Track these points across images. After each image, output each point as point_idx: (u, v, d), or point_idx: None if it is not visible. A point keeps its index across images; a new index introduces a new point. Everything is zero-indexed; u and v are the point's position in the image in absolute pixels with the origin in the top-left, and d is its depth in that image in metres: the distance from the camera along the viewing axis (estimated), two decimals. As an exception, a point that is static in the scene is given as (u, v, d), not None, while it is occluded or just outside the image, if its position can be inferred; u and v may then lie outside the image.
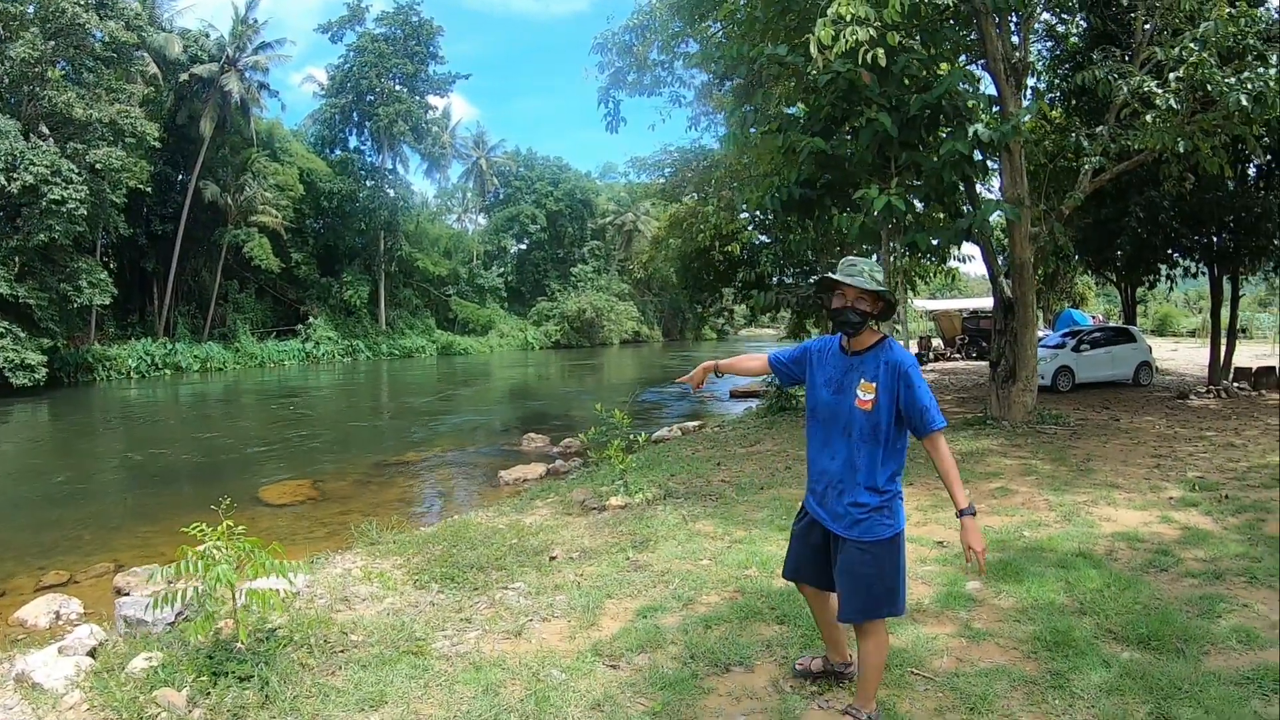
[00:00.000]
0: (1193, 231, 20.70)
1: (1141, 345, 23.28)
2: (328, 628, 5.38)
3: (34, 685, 4.93)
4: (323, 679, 4.67)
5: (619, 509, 9.20)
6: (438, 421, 24.42)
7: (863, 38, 9.71)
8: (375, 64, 55.38)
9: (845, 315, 3.83)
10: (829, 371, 3.97)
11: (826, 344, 4.09)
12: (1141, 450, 11.92)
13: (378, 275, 57.41)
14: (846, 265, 3.90)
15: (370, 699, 4.43)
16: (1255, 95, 11.73)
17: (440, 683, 4.61)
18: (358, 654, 5.02)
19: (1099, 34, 16.93)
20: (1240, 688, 4.30)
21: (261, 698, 4.42)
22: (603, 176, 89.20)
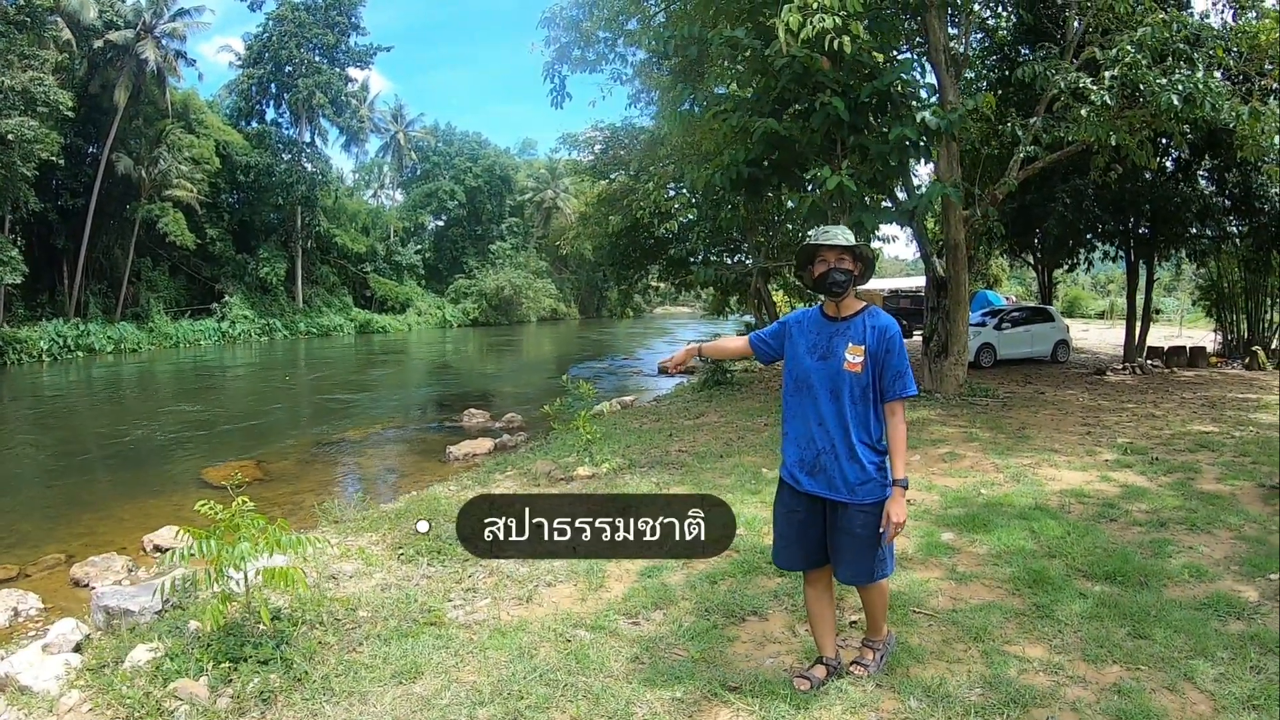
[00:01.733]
0: (1114, 218, 21.68)
1: (1059, 324, 24.36)
2: (331, 605, 5.36)
3: (22, 689, 4.64)
4: (347, 656, 4.65)
5: (587, 479, 9.41)
6: (370, 400, 24.17)
7: (829, 26, 10.11)
8: (295, 34, 53.66)
9: (831, 276, 3.90)
10: (811, 339, 3.99)
11: (805, 315, 4.13)
12: (1071, 420, 12.67)
13: (295, 252, 56.02)
14: (821, 233, 3.99)
15: (404, 671, 4.42)
16: (1186, 96, 12.53)
17: (470, 650, 4.67)
18: (373, 629, 5.03)
19: (1029, 29, 17.71)
20: (1200, 611, 4.94)
21: (289, 680, 4.34)
22: (522, 153, 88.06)
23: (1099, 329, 43.73)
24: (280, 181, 53.52)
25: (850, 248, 3.93)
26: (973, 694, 4.02)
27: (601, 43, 18.57)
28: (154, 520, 10.51)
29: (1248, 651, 4.39)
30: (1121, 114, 13.49)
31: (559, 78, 18.66)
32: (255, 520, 4.72)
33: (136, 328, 44.03)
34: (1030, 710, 3.87)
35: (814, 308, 4.14)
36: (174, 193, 44.83)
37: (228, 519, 4.65)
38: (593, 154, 26.55)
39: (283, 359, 40.75)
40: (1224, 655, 4.36)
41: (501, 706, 4.03)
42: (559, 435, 12.10)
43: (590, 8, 17.76)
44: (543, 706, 4.02)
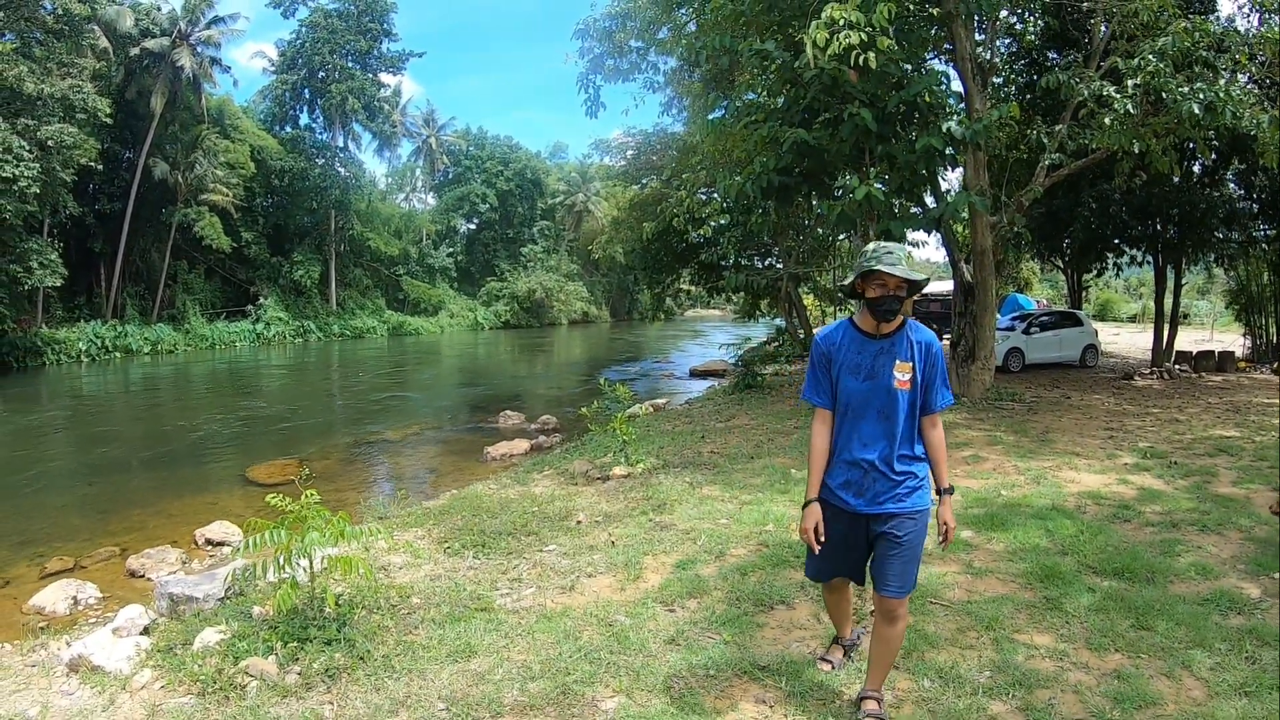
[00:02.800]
0: (1140, 223, 21.75)
1: (1088, 329, 24.36)
2: (387, 592, 5.75)
3: (94, 668, 4.94)
4: (405, 637, 5.03)
5: (623, 478, 9.75)
6: (406, 401, 24.62)
7: (855, 41, 10.41)
8: (327, 40, 54.33)
9: (887, 305, 3.78)
10: (853, 359, 3.89)
11: (837, 334, 4.00)
12: (1095, 424, 12.87)
13: (328, 255, 56.61)
14: (885, 255, 3.78)
15: (459, 651, 4.80)
16: (1207, 104, 12.65)
17: (519, 633, 5.06)
18: (427, 614, 5.41)
19: (1055, 34, 17.89)
20: (1202, 606, 5.24)
21: (353, 658, 4.69)
22: (553, 156, 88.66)
23: (1130, 333, 43.59)
24: (314, 185, 54.30)
25: (910, 280, 3.80)
26: (982, 676, 4.35)
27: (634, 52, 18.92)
28: (203, 516, 10.93)
29: (1245, 644, 4.67)
30: (1145, 121, 13.67)
31: (593, 88, 19.03)
32: (321, 512, 5.12)
33: (173, 329, 44.80)
34: (1034, 691, 4.19)
35: (842, 322, 4.05)
36: (210, 197, 45.55)
37: (297, 511, 5.05)
38: (625, 159, 26.80)
39: (317, 360, 41.28)
40: (1222, 646, 4.64)
41: (550, 681, 4.40)
42: (594, 436, 12.40)
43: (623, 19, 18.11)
44: (589, 681, 4.39)
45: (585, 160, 69.15)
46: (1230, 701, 4.07)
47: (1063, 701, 4.10)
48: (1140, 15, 13.87)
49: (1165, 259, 23.89)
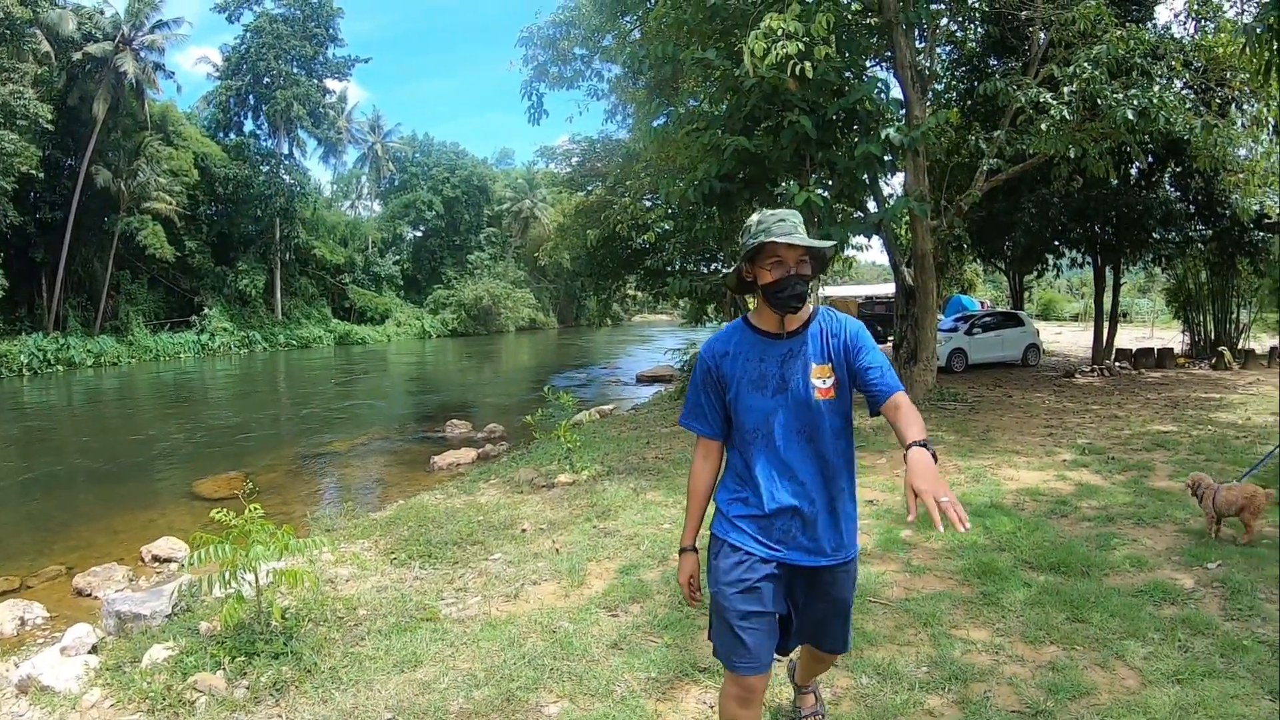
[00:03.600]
0: (1079, 226, 22.21)
1: (1029, 329, 24.89)
2: (333, 604, 5.77)
3: (44, 689, 4.95)
4: (352, 649, 5.06)
5: (568, 485, 9.78)
6: (352, 411, 24.38)
7: (792, 51, 10.55)
8: (273, 45, 53.77)
9: (790, 288, 2.89)
10: (754, 368, 2.98)
11: (726, 341, 3.09)
12: (1035, 422, 13.15)
13: (273, 264, 55.98)
14: (776, 223, 2.89)
15: (406, 661, 4.84)
16: (1141, 110, 13.04)
17: (465, 642, 5.10)
18: (373, 625, 5.45)
19: (996, 41, 18.24)
20: (1136, 598, 5.36)
21: (300, 671, 4.71)
22: (499, 163, 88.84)
23: (1072, 331, 44.36)
24: (258, 193, 53.66)
25: (811, 248, 2.93)
26: (919, 672, 4.43)
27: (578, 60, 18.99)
28: (149, 532, 10.78)
29: (1177, 633, 4.79)
30: (1081, 127, 13.98)
31: (537, 95, 19.07)
32: (265, 526, 5.13)
33: (116, 341, 44.07)
34: (970, 685, 4.27)
35: (733, 324, 3.15)
36: (153, 205, 44.87)
37: (241, 525, 5.05)
38: (570, 166, 26.86)
39: (263, 371, 40.79)
40: (1155, 636, 4.76)
41: (495, 688, 4.43)
42: (540, 444, 12.46)
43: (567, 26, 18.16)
44: (532, 687, 4.42)
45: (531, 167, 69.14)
46: (1163, 689, 4.17)
47: (998, 694, 4.18)
48: (1078, 24, 14.20)
49: (1104, 260, 24.50)
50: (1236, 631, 4.82)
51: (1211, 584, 5.61)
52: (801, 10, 10.84)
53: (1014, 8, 16.52)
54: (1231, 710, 3.93)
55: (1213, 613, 5.12)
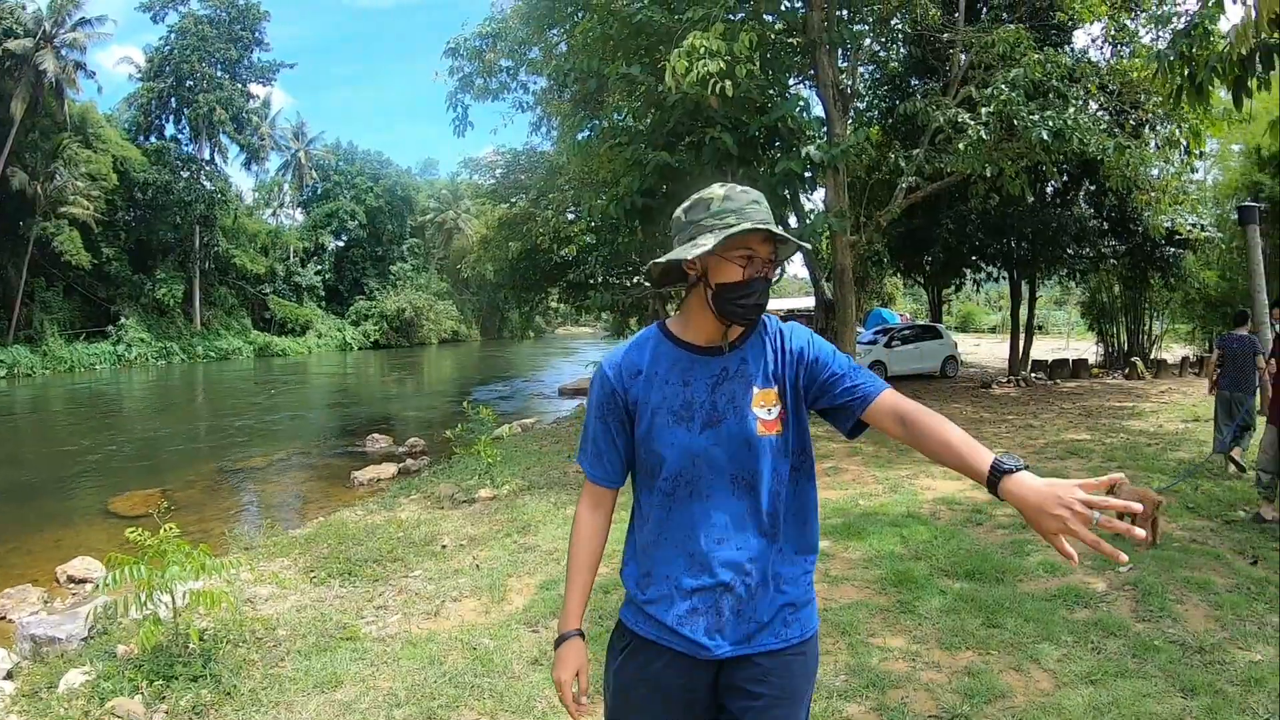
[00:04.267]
0: (996, 241, 22.83)
1: (948, 341, 25.52)
2: (252, 625, 5.67)
3: None
4: (271, 670, 4.96)
5: (489, 500, 9.78)
6: (272, 426, 23.87)
7: (714, 70, 10.70)
8: (197, 47, 52.58)
9: (756, 292, 2.10)
10: (677, 394, 2.14)
11: (638, 355, 2.21)
12: (952, 433, 13.43)
13: (193, 273, 54.56)
14: (749, 204, 2.11)
15: (326, 682, 4.76)
16: (1056, 131, 13.43)
17: (385, 661, 5.04)
18: (293, 645, 5.35)
19: (918, 62, 18.68)
20: (1050, 602, 5.53)
21: (219, 694, 4.62)
22: (424, 173, 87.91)
23: (990, 343, 45.41)
24: (179, 200, 52.16)
25: (778, 238, 2.13)
26: (838, 680, 4.50)
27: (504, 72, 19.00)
28: (64, 551, 10.43)
29: (1090, 635, 4.96)
30: (998, 146, 14.37)
31: (462, 107, 19.02)
32: (181, 546, 5.02)
33: (30, 351, 42.77)
34: (888, 692, 4.36)
35: (646, 334, 2.27)
36: (70, 210, 43.57)
37: (156, 545, 4.94)
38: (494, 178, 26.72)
39: (181, 384, 39.83)
40: (1068, 639, 4.91)
41: (416, 707, 4.40)
42: (461, 459, 12.41)
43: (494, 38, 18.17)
44: (453, 705, 4.40)
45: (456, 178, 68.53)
46: (1077, 690, 4.30)
47: (915, 700, 4.27)
48: (997, 47, 14.59)
49: (1020, 274, 25.25)
50: (1148, 632, 5.01)
51: (1123, 587, 5.81)
52: (725, 29, 11.00)
53: (936, 30, 16.93)
54: (1144, 709, 4.06)
55: (1124, 615, 5.31)
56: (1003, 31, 14.86)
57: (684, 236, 2.14)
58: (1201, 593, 5.69)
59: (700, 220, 2.11)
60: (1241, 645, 4.84)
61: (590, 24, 13.28)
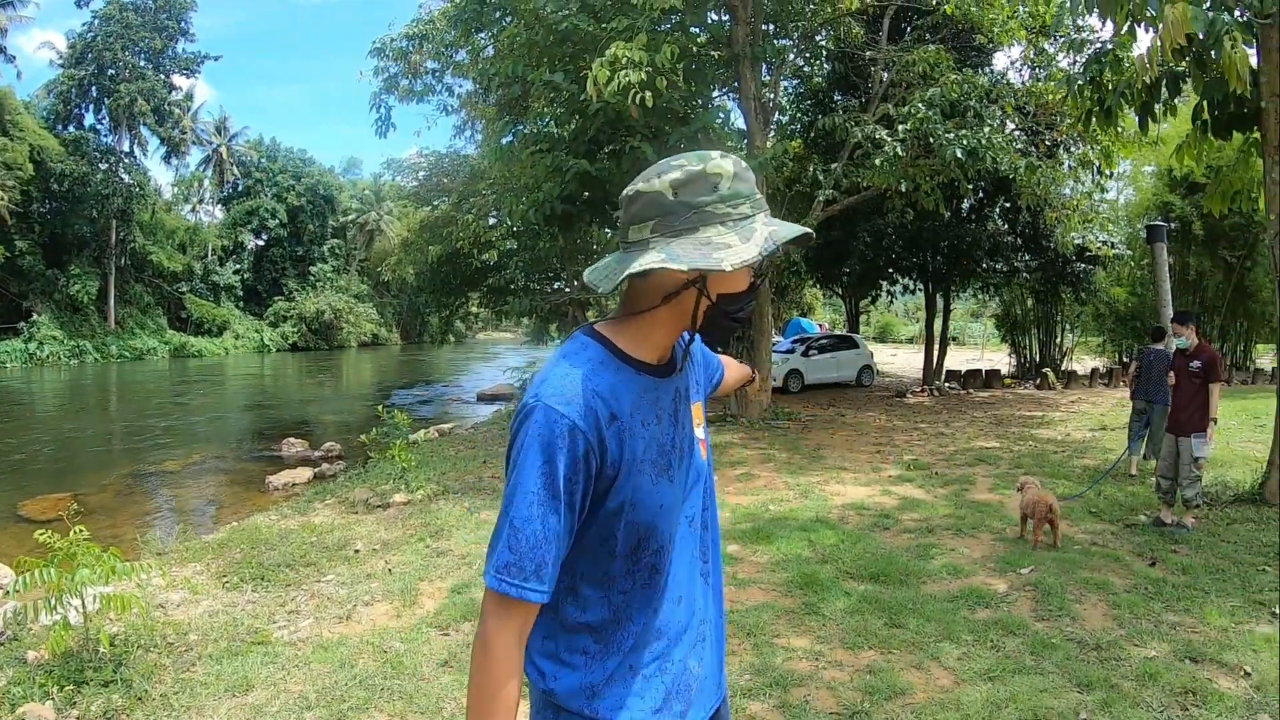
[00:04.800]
0: (912, 255, 23.32)
1: (864, 351, 26.00)
2: (164, 630, 5.63)
3: None
4: (183, 675, 4.94)
5: (403, 505, 9.80)
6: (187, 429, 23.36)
7: (634, 80, 10.85)
8: (121, 35, 50.78)
9: (754, 299, 1.70)
10: (653, 435, 1.62)
11: (608, 391, 1.56)
12: (865, 440, 13.78)
13: (108, 269, 52.74)
14: (757, 184, 1.65)
15: (237, 685, 4.76)
16: (970, 149, 13.86)
17: (296, 664, 5.06)
18: (205, 650, 5.33)
19: (841, 78, 19.04)
20: (952, 603, 5.75)
21: (130, 699, 4.61)
22: (347, 172, 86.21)
23: (907, 353, 46.34)
24: (96, 192, 50.50)
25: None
26: (743, 679, 4.63)
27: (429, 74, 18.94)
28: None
29: (990, 634, 5.17)
30: (915, 163, 14.75)
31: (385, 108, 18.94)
32: (91, 549, 5.00)
33: (-63, 348, 41.11)
34: (790, 690, 4.50)
35: (594, 356, 1.60)
36: (-17, 200, 41.98)
37: (65, 548, 4.92)
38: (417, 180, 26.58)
39: (95, 384, 38.76)
40: (969, 638, 5.11)
41: (326, 710, 4.43)
42: (377, 463, 12.42)
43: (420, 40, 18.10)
44: (363, 707, 4.44)
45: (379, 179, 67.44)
46: (976, 686, 4.48)
47: (817, 697, 4.41)
48: (917, 66, 14.95)
49: (935, 287, 25.89)
50: (1046, 631, 5.23)
51: (1024, 588, 6.05)
52: (648, 40, 11.14)
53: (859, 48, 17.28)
54: (1041, 703, 4.24)
55: (1024, 614, 5.54)
56: (923, 52, 15.29)
57: (676, 223, 1.53)
58: (1100, 593, 5.95)
59: (706, 206, 1.53)
60: (1137, 643, 5.06)
61: (516, 29, 13.34)
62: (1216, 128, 8.88)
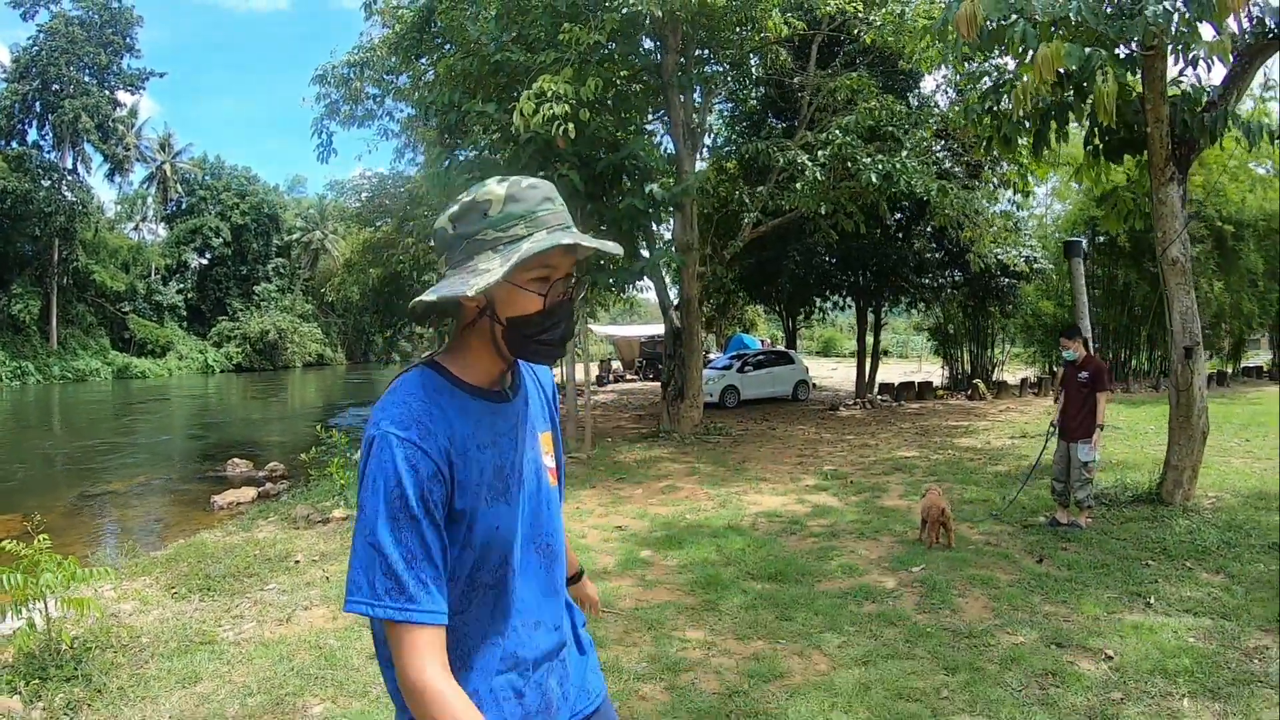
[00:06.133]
0: (842, 273, 24.18)
1: (799, 366, 26.67)
2: (119, 633, 6.09)
3: None
4: (137, 671, 5.41)
5: (342, 519, 10.21)
6: (132, 450, 23.41)
7: (559, 112, 11.47)
8: (66, 50, 50.55)
9: (563, 320, 1.68)
10: (491, 458, 1.67)
11: (440, 416, 1.60)
12: (790, 452, 14.40)
13: (50, 288, 52.40)
14: (540, 204, 1.63)
15: (186, 679, 5.24)
16: (885, 173, 14.57)
17: (240, 660, 5.54)
18: (157, 650, 5.80)
19: (773, 102, 19.77)
20: (841, 599, 6.33)
21: (91, 691, 5.07)
22: (291, 190, 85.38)
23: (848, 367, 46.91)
24: (38, 210, 50.11)
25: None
26: (639, 666, 5.19)
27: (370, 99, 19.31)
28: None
29: (871, 625, 5.72)
30: (837, 186, 15.43)
31: (327, 133, 19.25)
32: (53, 557, 5.47)
33: (-125, 370, 40.49)
34: (681, 674, 5.05)
35: (423, 382, 1.66)
36: (-77, 218, 41.33)
37: (31, 555, 5.39)
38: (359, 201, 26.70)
39: (37, 405, 38.58)
40: (851, 629, 5.66)
41: (266, 696, 4.93)
42: (318, 482, 12.85)
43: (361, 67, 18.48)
44: (300, 693, 4.95)
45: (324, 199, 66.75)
46: (849, 670, 5.01)
47: (704, 680, 4.95)
48: (840, 92, 15.65)
49: (865, 303, 26.84)
50: (925, 622, 5.77)
51: (912, 584, 6.61)
52: (574, 73, 11.71)
53: (787, 74, 17.98)
54: (908, 684, 4.76)
55: (907, 608, 6.08)
56: (845, 78, 15.97)
57: (456, 256, 1.64)
58: (984, 587, 6.47)
59: (476, 234, 1.62)
60: (1009, 631, 5.52)
61: (452, 59, 13.84)
62: (1109, 151, 9.56)
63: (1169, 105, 8.67)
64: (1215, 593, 6.17)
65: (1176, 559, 7.07)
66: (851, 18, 16.20)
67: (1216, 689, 4.59)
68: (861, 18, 15.91)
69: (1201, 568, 6.82)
